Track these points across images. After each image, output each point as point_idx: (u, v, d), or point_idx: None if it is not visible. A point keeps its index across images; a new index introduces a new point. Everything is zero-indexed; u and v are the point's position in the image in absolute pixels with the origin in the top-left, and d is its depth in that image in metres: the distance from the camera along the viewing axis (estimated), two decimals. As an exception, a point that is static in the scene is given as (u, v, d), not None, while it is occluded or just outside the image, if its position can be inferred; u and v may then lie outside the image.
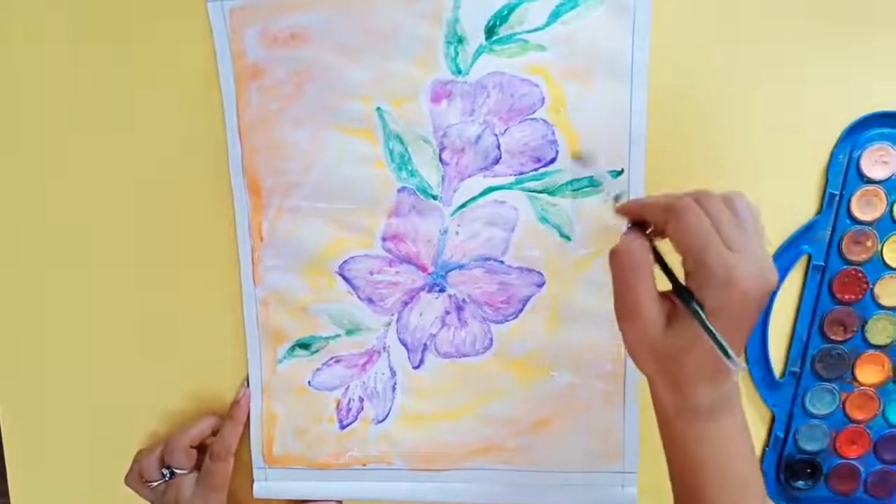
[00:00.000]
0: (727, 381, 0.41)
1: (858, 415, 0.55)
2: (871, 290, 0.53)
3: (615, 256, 0.42)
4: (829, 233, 0.53)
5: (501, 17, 0.51)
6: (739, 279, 0.37)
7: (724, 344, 0.38)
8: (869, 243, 0.52)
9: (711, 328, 0.38)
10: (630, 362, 0.54)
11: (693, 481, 0.43)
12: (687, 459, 0.43)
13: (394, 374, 0.57)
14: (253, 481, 0.59)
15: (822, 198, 0.53)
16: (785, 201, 0.53)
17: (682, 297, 0.40)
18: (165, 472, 0.56)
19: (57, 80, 0.56)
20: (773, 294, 0.54)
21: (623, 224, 0.44)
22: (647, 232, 0.43)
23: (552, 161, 0.53)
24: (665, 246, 0.42)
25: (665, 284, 0.41)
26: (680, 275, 0.41)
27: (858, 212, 0.52)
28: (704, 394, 0.41)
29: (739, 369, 0.38)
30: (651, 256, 0.41)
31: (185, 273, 0.57)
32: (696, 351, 0.39)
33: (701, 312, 0.38)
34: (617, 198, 0.47)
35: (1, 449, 0.61)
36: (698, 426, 0.42)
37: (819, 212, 0.53)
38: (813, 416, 0.55)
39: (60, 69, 0.55)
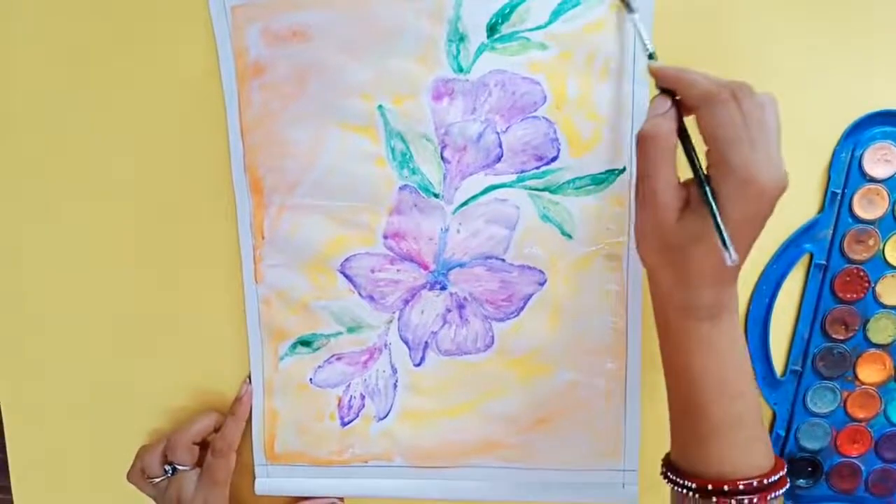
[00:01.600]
0: (729, 284, 0.42)
1: (859, 413, 0.55)
2: (873, 288, 0.53)
3: (641, 139, 0.42)
4: (830, 231, 0.53)
5: (503, 15, 0.51)
6: (758, 178, 0.39)
7: (725, 234, 0.39)
8: (871, 242, 0.52)
9: (717, 216, 0.39)
10: (631, 361, 0.54)
11: (688, 387, 0.43)
12: (684, 366, 0.43)
13: (395, 371, 0.57)
14: (254, 478, 0.59)
15: (824, 196, 0.52)
16: (787, 200, 0.52)
17: (699, 182, 0.41)
18: (168, 468, 0.56)
19: (57, 78, 0.56)
20: (775, 293, 0.54)
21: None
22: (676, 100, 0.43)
23: (554, 159, 0.53)
24: (691, 125, 0.42)
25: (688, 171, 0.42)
26: (702, 158, 0.42)
27: (860, 210, 0.52)
28: (706, 293, 0.41)
29: (734, 261, 0.39)
30: (675, 139, 0.42)
31: (187, 271, 0.57)
32: (704, 244, 0.40)
33: (712, 199, 0.39)
34: (651, 55, 0.47)
35: (3, 445, 0.61)
36: (697, 326, 0.42)
37: (821, 210, 0.53)
38: (814, 414, 0.55)
39: (61, 67, 0.55)
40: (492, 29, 0.51)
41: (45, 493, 0.62)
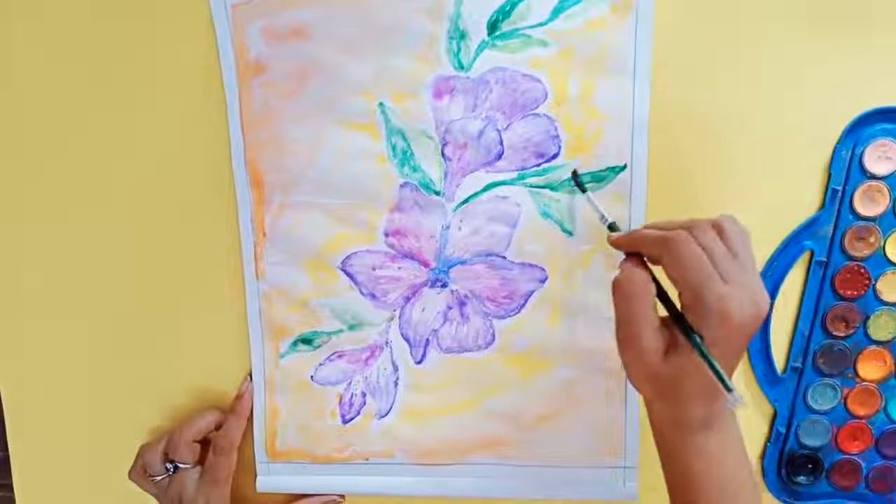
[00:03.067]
0: (720, 397, 0.42)
1: (860, 410, 0.55)
2: (874, 285, 0.53)
3: (617, 286, 0.43)
4: (831, 228, 0.53)
5: (504, 12, 0.51)
6: (735, 313, 0.39)
7: (725, 377, 0.39)
8: (871, 239, 0.52)
9: (712, 360, 0.39)
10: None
11: (688, 493, 0.43)
12: (682, 470, 0.44)
13: (396, 369, 0.57)
14: (256, 475, 0.59)
15: (825, 193, 0.53)
16: (787, 197, 0.53)
17: (683, 328, 0.41)
18: (169, 466, 0.56)
19: (59, 76, 0.56)
20: (776, 290, 0.54)
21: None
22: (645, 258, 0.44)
23: (555, 156, 0.53)
24: (661, 273, 0.43)
25: (664, 311, 0.43)
26: (677, 304, 0.42)
27: (861, 207, 0.52)
28: (698, 410, 0.42)
29: (739, 403, 0.39)
30: (652, 285, 0.42)
31: (188, 268, 0.57)
32: (694, 376, 0.40)
33: (702, 345, 0.40)
34: (611, 227, 0.49)
35: (5, 443, 0.61)
36: (693, 438, 0.42)
37: (821, 207, 0.53)
38: (814, 411, 0.55)
39: (62, 66, 0.55)
40: (492, 26, 0.51)
41: (48, 491, 0.62)
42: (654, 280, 0.43)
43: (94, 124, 0.56)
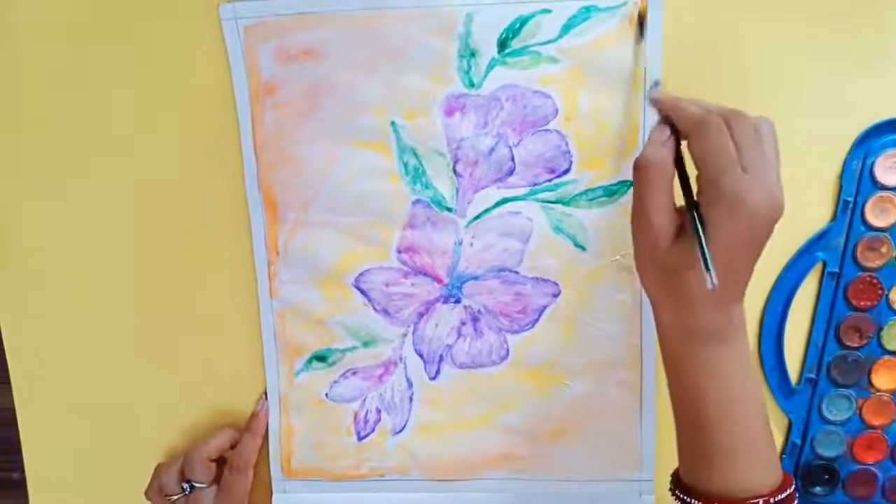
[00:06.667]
0: (732, 306, 0.42)
1: (875, 420, 0.55)
2: (887, 295, 0.53)
3: (637, 165, 0.42)
4: (843, 239, 0.53)
5: (514, 30, 0.51)
6: (747, 202, 0.38)
7: (708, 256, 0.38)
8: (884, 249, 0.52)
9: (701, 238, 0.39)
10: (645, 372, 0.55)
11: (693, 408, 0.43)
12: (689, 388, 0.43)
13: (410, 385, 0.57)
14: (272, 493, 0.59)
15: (837, 205, 0.53)
16: (799, 208, 0.53)
17: (690, 210, 0.40)
18: (185, 485, 0.56)
19: (74, 100, 0.56)
20: (789, 301, 0.54)
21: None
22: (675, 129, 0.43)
23: (566, 171, 0.53)
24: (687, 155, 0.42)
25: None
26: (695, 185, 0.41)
27: (873, 218, 0.52)
28: (707, 316, 0.41)
29: (714, 285, 0.38)
30: (671, 167, 0.42)
31: (203, 288, 0.57)
32: (698, 267, 0.39)
33: (698, 224, 0.39)
34: (656, 83, 0.48)
35: (22, 465, 0.62)
36: (701, 350, 0.42)
37: (833, 219, 0.53)
38: (829, 422, 0.55)
39: (77, 89, 0.56)
40: (502, 44, 0.52)
41: (63, 511, 0.63)
42: (680, 159, 0.43)
43: (108, 147, 0.56)
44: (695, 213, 0.40)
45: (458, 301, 0.56)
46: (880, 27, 0.51)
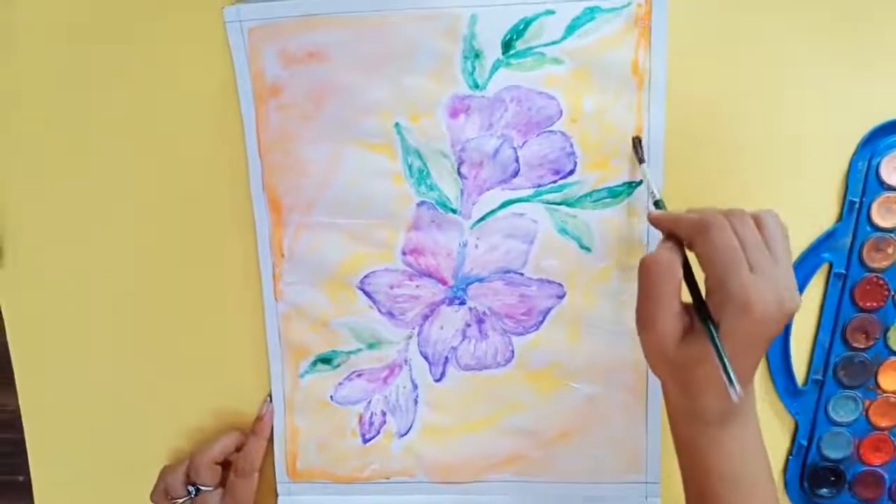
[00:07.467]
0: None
1: (882, 422, 0.55)
2: (893, 296, 0.53)
3: (643, 265, 0.42)
4: (849, 240, 0.53)
5: (518, 31, 0.51)
6: (756, 305, 0.38)
7: (729, 369, 0.38)
8: (890, 250, 0.52)
9: (721, 350, 0.38)
10: (651, 374, 0.54)
11: (701, 482, 0.43)
12: (697, 464, 0.43)
13: (415, 387, 0.57)
14: (277, 496, 0.59)
15: (842, 205, 0.53)
16: (805, 209, 0.53)
17: (700, 314, 0.40)
18: (191, 488, 0.56)
19: (77, 102, 0.56)
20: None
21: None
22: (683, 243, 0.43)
23: (571, 173, 0.53)
24: (695, 260, 0.42)
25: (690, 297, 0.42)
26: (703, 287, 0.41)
27: (879, 219, 0.52)
28: (713, 402, 0.41)
29: (739, 397, 0.38)
30: (679, 269, 0.42)
31: (207, 290, 0.57)
32: (706, 364, 0.39)
33: (714, 332, 0.39)
34: (657, 204, 0.48)
35: (27, 469, 0.62)
36: (707, 431, 0.42)
37: (839, 219, 0.53)
38: (836, 423, 0.55)
39: (80, 91, 0.56)
40: (507, 45, 0.52)
41: (69, 514, 0.63)
42: (687, 265, 0.42)
43: (112, 150, 0.56)
44: (710, 326, 0.39)
45: (462, 303, 0.55)
46: (885, 27, 0.51)
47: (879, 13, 0.51)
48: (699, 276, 0.42)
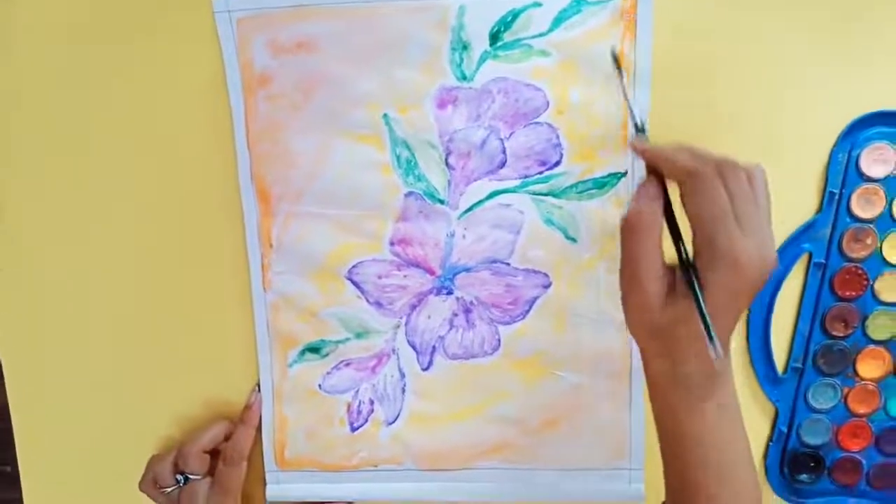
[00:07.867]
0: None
1: (860, 409, 0.56)
2: (872, 286, 0.54)
3: (624, 226, 0.42)
4: (829, 231, 0.54)
5: (505, 23, 0.52)
6: (745, 263, 0.38)
7: (712, 329, 0.38)
8: (869, 241, 0.53)
9: (704, 311, 0.38)
10: (636, 362, 0.55)
11: (681, 458, 0.43)
12: (676, 434, 0.43)
13: (403, 376, 0.57)
14: (265, 485, 0.59)
15: (822, 196, 0.54)
16: (785, 200, 0.53)
17: (685, 269, 0.40)
18: (179, 477, 0.56)
19: (65, 91, 0.56)
20: (776, 292, 0.55)
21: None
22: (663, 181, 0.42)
23: (557, 164, 0.54)
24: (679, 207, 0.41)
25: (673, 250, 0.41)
26: (688, 241, 0.41)
27: (858, 210, 0.53)
28: (694, 365, 0.40)
29: (720, 356, 0.38)
30: (660, 224, 0.41)
31: (196, 280, 0.58)
32: (690, 323, 0.39)
33: (699, 293, 0.39)
34: (639, 128, 0.46)
35: (15, 456, 0.62)
36: (688, 399, 0.42)
37: (819, 210, 0.54)
38: (815, 410, 0.56)
39: (69, 81, 0.56)
40: (494, 37, 0.52)
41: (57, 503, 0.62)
42: (669, 212, 0.42)
43: (101, 140, 0.56)
44: (695, 283, 0.39)
45: (450, 293, 0.56)
46: (866, 20, 0.52)
47: (861, 7, 0.52)
48: (682, 223, 0.41)
